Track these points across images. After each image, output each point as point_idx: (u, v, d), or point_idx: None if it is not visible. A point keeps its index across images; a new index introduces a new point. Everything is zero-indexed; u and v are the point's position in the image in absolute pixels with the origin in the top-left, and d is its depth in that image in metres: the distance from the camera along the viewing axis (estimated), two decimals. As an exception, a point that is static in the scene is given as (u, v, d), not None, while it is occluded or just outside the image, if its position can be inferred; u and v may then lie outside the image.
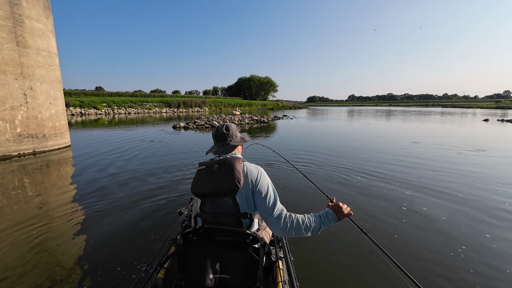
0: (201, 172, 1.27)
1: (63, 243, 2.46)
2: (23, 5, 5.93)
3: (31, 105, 6.16)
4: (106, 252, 2.30)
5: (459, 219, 3.01)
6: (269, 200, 1.23)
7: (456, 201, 3.54)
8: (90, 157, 6.17)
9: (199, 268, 1.12)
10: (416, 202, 3.49)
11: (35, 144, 6.33)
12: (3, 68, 5.63)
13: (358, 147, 7.85)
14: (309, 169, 5.15)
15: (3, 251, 2.30)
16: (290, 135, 11.42)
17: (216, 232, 1.20)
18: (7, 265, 2.11)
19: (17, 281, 1.93)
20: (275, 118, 20.78)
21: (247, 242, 1.19)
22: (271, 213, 1.21)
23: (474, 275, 2.05)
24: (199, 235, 1.21)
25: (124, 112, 30.85)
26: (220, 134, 1.42)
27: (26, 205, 3.32)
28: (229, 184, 1.18)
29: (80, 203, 3.38)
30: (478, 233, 2.69)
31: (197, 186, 1.25)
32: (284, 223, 1.19)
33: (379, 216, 3.05)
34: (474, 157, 6.40)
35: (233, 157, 1.29)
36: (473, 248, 2.40)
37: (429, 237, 2.61)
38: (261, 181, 1.26)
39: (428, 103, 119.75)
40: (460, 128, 14.79)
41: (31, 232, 2.63)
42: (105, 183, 4.20)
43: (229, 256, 1.16)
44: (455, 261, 2.22)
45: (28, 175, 4.70)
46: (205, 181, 1.24)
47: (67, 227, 2.77)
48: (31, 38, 6.10)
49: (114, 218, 2.95)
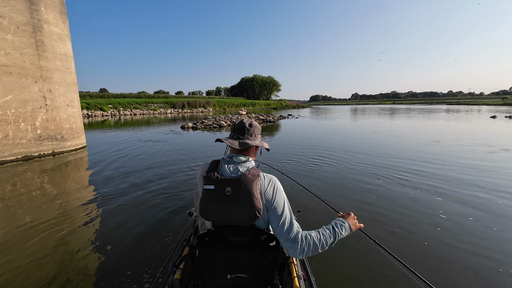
0: (210, 195, 1.10)
1: (79, 242, 2.51)
2: (42, 10, 6.12)
3: (50, 107, 6.36)
4: (119, 253, 2.31)
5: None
6: (284, 221, 1.12)
7: (503, 214, 3.03)
8: (105, 158, 6.33)
9: (214, 268, 1.10)
10: (453, 212, 3.09)
11: (54, 145, 6.53)
12: (24, 71, 5.83)
13: (381, 148, 7.35)
14: (327, 172, 4.89)
15: (23, 246, 2.41)
16: (300, 135, 11.49)
17: (230, 232, 1.16)
18: (23, 259, 2.21)
19: (32, 275, 2.02)
20: (280, 118, 20.88)
21: (262, 241, 1.17)
22: (286, 236, 1.10)
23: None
24: (213, 236, 1.18)
25: (130, 113, 31.17)
26: (241, 126, 1.29)
27: (45, 205, 3.42)
28: (247, 215, 1.08)
29: (95, 203, 3.49)
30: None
31: (208, 213, 1.13)
32: (301, 248, 1.08)
33: (409, 228, 2.71)
34: (505, 157, 6.07)
35: (249, 176, 1.12)
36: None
37: (472, 258, 2.20)
38: (277, 199, 1.14)
39: (432, 101, 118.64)
40: (472, 125, 14.72)
41: (48, 230, 2.72)
42: (119, 183, 4.32)
43: (244, 255, 1.12)
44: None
45: (48, 175, 4.87)
46: (216, 208, 1.10)
47: (81, 226, 2.83)
48: (49, 42, 6.30)
49: (127, 218, 2.99)
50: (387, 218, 2.95)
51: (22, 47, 5.77)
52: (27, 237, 2.58)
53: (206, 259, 1.14)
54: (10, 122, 5.67)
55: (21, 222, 2.90)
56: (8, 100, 5.61)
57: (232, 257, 1.12)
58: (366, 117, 22.46)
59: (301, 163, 5.63)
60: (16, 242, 2.49)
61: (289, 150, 7.17)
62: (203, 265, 1.13)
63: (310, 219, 2.86)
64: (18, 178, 4.62)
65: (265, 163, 3.50)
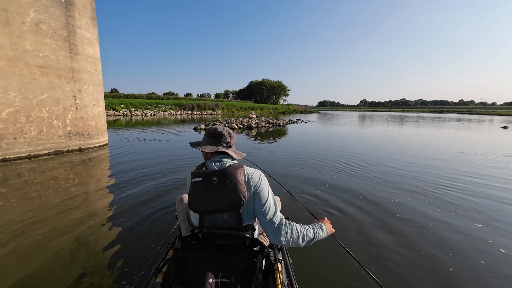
0: (198, 186, 1.19)
1: (83, 239, 2.55)
2: (76, 16, 6.62)
3: (79, 106, 6.81)
4: (108, 252, 2.30)
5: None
6: (269, 207, 1.21)
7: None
8: (125, 155, 6.70)
9: (198, 273, 1.10)
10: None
11: (81, 142, 6.97)
12: (59, 72, 6.30)
13: (410, 158, 6.74)
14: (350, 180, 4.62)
15: (41, 236, 2.57)
16: (312, 138, 11.70)
17: (215, 236, 1.20)
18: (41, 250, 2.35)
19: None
20: (289, 122, 21.14)
21: (247, 246, 1.20)
22: (270, 220, 1.19)
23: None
24: (198, 239, 1.21)
25: (141, 113, 31.93)
26: (218, 133, 1.34)
27: (70, 197, 3.62)
28: (233, 201, 1.15)
29: (110, 197, 3.68)
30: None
31: (196, 203, 1.19)
32: (284, 232, 1.17)
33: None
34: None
35: (234, 166, 1.22)
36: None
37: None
38: (262, 187, 1.24)
39: (443, 109, 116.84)
40: (492, 135, 14.65)
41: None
42: (135, 179, 4.48)
43: (228, 260, 1.15)
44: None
45: (75, 169, 5.21)
46: (204, 196, 1.17)
47: (89, 221, 2.91)
48: (81, 46, 6.78)
49: (128, 216, 3.02)
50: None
51: (57, 50, 6.25)
52: (45, 225, 2.78)
53: (190, 263, 1.14)
54: (45, 119, 6.13)
55: (48, 208, 3.25)
56: (44, 98, 6.07)
57: (216, 261, 1.13)
58: (378, 125, 22.46)
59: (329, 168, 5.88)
60: (42, 219, 2.84)
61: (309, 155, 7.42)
62: (187, 269, 1.13)
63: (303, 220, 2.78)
64: (50, 170, 5.01)
65: (252, 162, 3.60)
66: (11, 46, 5.45)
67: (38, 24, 5.85)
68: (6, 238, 2.51)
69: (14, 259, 2.21)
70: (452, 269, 2.13)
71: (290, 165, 5.75)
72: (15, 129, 5.66)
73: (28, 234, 2.60)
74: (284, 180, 4.52)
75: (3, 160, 5.48)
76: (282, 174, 5.00)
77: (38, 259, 2.20)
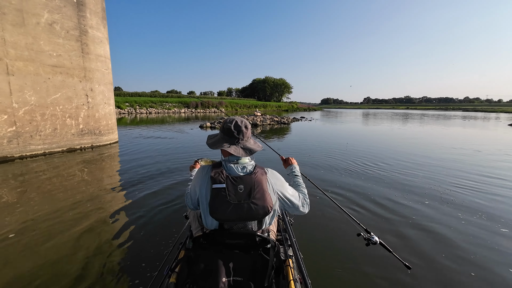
0: (220, 193, 1.12)
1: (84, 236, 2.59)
2: (87, 16, 6.74)
3: (91, 104, 6.96)
4: (117, 254, 2.30)
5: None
6: (293, 201, 1.29)
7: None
8: (135, 152, 6.87)
9: (210, 272, 1.10)
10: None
11: (93, 139, 7.13)
12: (71, 72, 6.44)
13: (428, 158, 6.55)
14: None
15: (53, 230, 2.68)
16: (322, 138, 11.76)
17: (226, 235, 1.18)
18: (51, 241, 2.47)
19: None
20: (294, 120, 21.17)
21: (257, 244, 1.19)
22: (297, 209, 1.30)
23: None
24: (209, 239, 1.20)
25: (146, 112, 32.17)
26: (238, 129, 1.26)
27: (83, 194, 3.73)
28: (260, 213, 1.14)
29: (118, 193, 3.79)
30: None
31: (218, 212, 1.12)
32: (308, 206, 1.35)
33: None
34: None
35: (259, 173, 1.19)
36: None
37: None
38: (283, 186, 1.27)
39: (448, 107, 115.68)
40: (497, 133, 14.57)
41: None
42: (143, 176, 4.60)
43: (240, 258, 1.15)
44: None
45: (89, 166, 5.36)
46: (228, 205, 1.11)
47: (95, 218, 2.99)
48: (92, 45, 6.91)
49: (135, 217, 3.02)
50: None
51: (70, 50, 6.39)
52: (51, 220, 2.91)
53: (202, 262, 1.14)
54: (59, 117, 6.28)
55: (60, 202, 3.39)
56: (58, 97, 6.22)
57: (227, 260, 1.13)
58: (383, 122, 22.39)
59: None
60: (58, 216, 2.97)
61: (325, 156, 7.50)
62: (199, 268, 1.13)
63: (309, 220, 2.89)
64: (64, 167, 5.17)
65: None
66: (27, 46, 5.60)
67: (52, 25, 5.98)
68: (20, 231, 2.62)
69: (28, 251, 2.30)
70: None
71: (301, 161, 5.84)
72: (31, 127, 5.83)
73: (40, 228, 2.69)
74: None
75: (20, 157, 5.66)
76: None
77: (51, 254, 2.26)
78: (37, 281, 1.92)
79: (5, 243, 2.42)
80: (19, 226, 2.74)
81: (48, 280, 1.95)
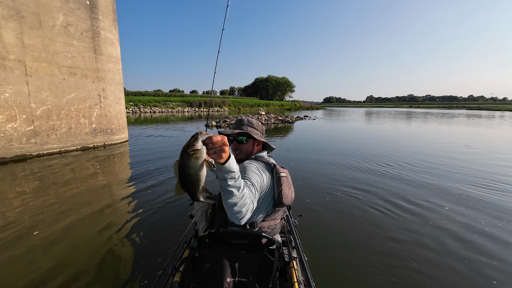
0: None
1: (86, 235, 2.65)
2: (100, 18, 6.92)
3: (103, 104, 7.16)
4: (121, 252, 2.32)
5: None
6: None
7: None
8: (144, 151, 7.02)
9: (215, 271, 1.11)
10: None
11: (105, 138, 7.33)
12: (85, 72, 6.64)
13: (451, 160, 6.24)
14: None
15: (65, 227, 2.78)
16: (324, 134, 11.88)
17: (231, 235, 1.20)
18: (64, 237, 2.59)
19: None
20: (298, 119, 21.27)
21: (262, 245, 1.20)
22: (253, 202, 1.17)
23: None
24: (214, 238, 1.21)
25: (150, 111, 32.42)
26: (239, 121, 1.47)
27: (96, 192, 3.86)
28: None
29: (129, 195, 3.85)
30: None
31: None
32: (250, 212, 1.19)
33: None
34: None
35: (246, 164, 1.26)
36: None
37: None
38: (247, 174, 1.25)
39: (452, 105, 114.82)
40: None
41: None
42: (152, 175, 4.73)
43: (244, 259, 1.15)
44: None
45: (102, 164, 5.53)
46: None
47: (97, 215, 3.09)
48: (104, 47, 7.09)
49: (143, 215, 3.07)
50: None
51: (83, 51, 6.58)
52: (68, 215, 3.09)
53: (207, 262, 1.15)
54: (73, 116, 6.48)
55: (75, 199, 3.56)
56: (72, 97, 6.42)
57: (232, 260, 1.14)
58: (387, 121, 22.41)
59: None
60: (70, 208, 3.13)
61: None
62: (204, 268, 1.14)
63: (313, 221, 2.91)
64: (79, 165, 5.36)
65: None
66: (44, 48, 5.79)
67: (67, 27, 6.17)
68: (35, 227, 2.74)
69: (43, 244, 2.42)
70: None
71: (307, 160, 5.99)
72: (48, 126, 6.03)
73: (54, 224, 2.80)
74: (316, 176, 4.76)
75: (37, 155, 5.86)
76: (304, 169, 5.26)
77: (63, 248, 2.36)
78: (41, 275, 1.99)
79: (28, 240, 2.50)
80: (33, 221, 2.84)
81: (51, 275, 2.00)
